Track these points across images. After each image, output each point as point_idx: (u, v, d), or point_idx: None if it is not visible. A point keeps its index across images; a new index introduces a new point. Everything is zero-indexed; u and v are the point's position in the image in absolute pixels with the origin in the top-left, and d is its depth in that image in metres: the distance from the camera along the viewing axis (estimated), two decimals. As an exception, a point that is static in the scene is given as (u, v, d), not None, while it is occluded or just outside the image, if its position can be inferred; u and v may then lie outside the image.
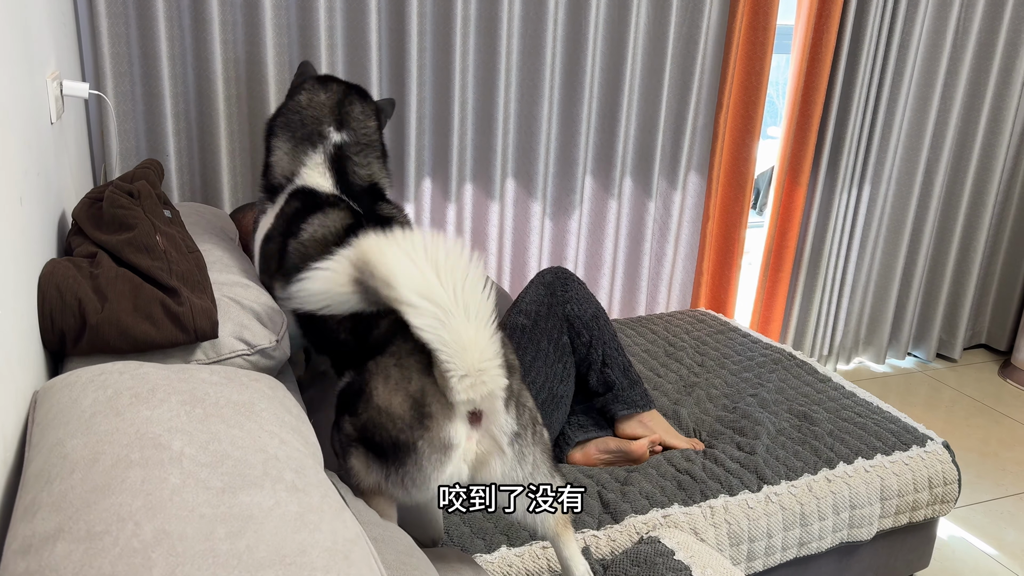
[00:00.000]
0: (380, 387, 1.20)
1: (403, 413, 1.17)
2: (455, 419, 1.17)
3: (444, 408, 1.16)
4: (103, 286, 1.18)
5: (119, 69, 2.05)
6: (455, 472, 1.19)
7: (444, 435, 1.16)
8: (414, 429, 1.16)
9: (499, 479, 1.22)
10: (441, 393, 1.17)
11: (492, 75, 2.41)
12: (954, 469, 1.98)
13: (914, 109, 3.08)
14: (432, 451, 1.16)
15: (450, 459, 1.18)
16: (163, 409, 0.89)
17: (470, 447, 1.20)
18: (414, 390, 1.18)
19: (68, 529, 0.72)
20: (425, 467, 1.16)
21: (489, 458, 1.21)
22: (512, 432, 1.21)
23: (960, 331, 3.49)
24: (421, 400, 1.17)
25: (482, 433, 1.21)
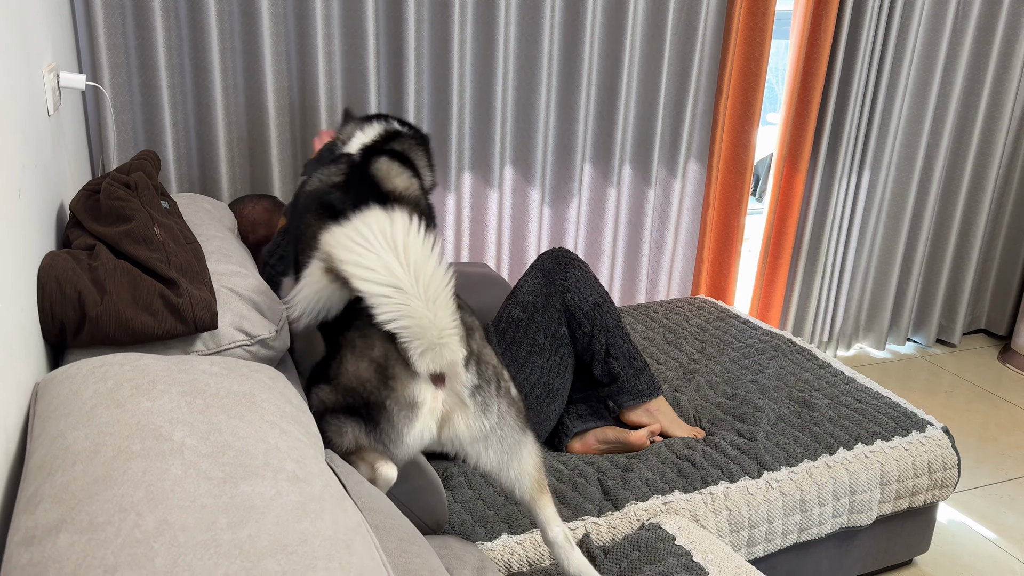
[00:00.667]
0: (348, 356, 1.28)
1: (370, 376, 1.24)
2: (418, 379, 1.24)
3: (406, 370, 1.24)
4: (102, 278, 1.18)
5: (116, 60, 2.04)
6: (424, 427, 1.26)
7: (408, 393, 1.23)
8: (381, 390, 1.23)
9: (464, 431, 1.28)
10: (403, 357, 1.24)
11: (490, 63, 2.40)
12: (954, 454, 1.99)
13: (914, 94, 3.07)
14: (400, 408, 1.23)
15: (418, 416, 1.25)
16: (164, 400, 0.89)
17: (435, 405, 1.27)
18: (377, 355, 1.25)
19: (70, 520, 0.72)
20: (397, 423, 1.24)
21: (453, 413, 1.28)
22: (472, 385, 1.28)
23: (960, 316, 3.50)
24: (384, 364, 1.24)
25: (447, 392, 1.27)
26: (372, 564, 0.80)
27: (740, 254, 2.99)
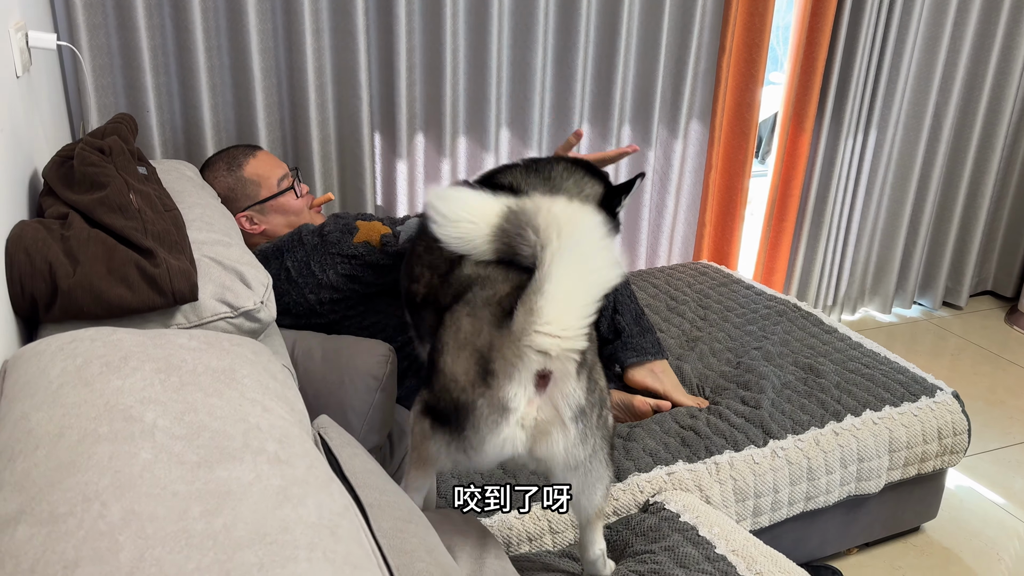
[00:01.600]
0: (451, 343, 1.15)
1: (468, 369, 1.11)
2: (517, 378, 1.09)
3: (508, 366, 1.09)
4: (75, 248, 1.12)
5: (93, 21, 1.95)
6: (510, 436, 1.11)
7: (503, 395, 1.09)
8: (476, 387, 1.10)
9: (560, 457, 1.14)
10: (509, 349, 1.09)
11: (484, 20, 2.31)
12: (964, 419, 1.94)
13: (922, 50, 2.97)
14: (491, 411, 1.10)
15: (506, 421, 1.10)
16: (135, 378, 0.83)
17: (530, 412, 1.11)
18: (482, 343, 1.11)
19: (30, 511, 0.67)
20: (481, 429, 1.10)
21: (550, 429, 1.12)
22: (578, 406, 1.12)
23: (966, 278, 3.43)
24: (487, 355, 1.10)
25: (544, 399, 1.12)
26: (359, 551, 0.74)
27: (743, 218, 2.91)
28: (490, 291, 1.16)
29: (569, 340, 1.07)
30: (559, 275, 1.06)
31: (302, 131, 2.23)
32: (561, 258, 1.06)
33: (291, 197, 1.83)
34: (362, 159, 2.31)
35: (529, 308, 1.07)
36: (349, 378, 1.41)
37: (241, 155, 1.84)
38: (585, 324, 1.08)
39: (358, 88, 2.23)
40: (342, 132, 2.30)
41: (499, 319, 1.11)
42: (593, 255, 1.09)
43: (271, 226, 1.82)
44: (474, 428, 1.10)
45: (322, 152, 2.28)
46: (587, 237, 1.09)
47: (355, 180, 2.34)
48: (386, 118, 2.34)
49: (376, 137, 2.37)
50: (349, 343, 1.49)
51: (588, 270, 1.08)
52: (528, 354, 1.07)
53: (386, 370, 1.42)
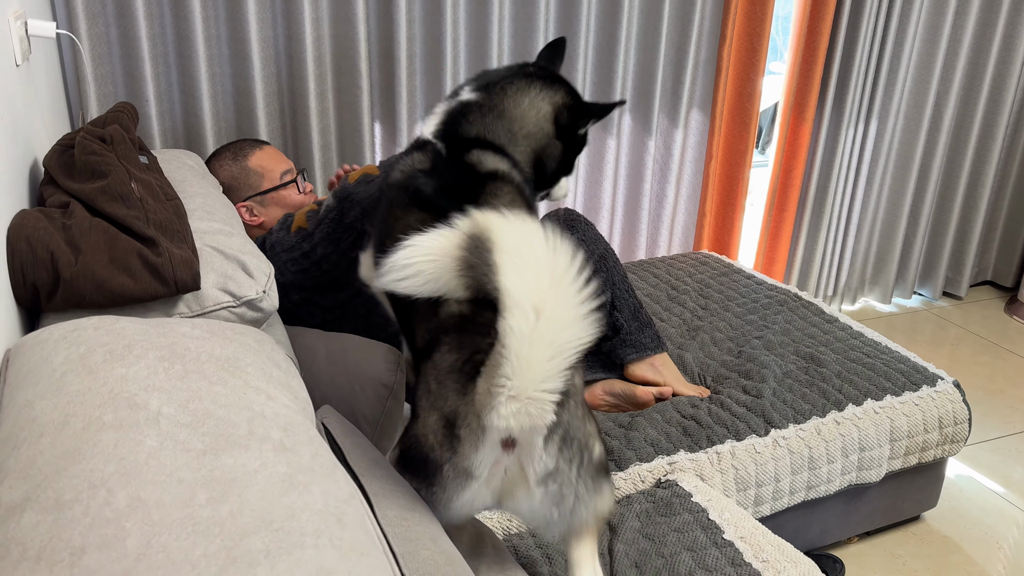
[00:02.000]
0: (423, 401, 1.12)
1: (436, 429, 1.08)
2: (482, 447, 1.05)
3: (472, 434, 1.05)
4: (76, 237, 1.11)
5: (92, 9, 1.94)
6: (476, 496, 1.09)
7: (467, 464, 1.06)
8: (443, 449, 1.07)
9: (526, 514, 1.11)
10: (474, 415, 1.04)
11: (484, 9, 2.30)
12: (964, 408, 1.94)
13: (924, 40, 2.97)
14: (455, 476, 1.08)
15: (469, 487, 1.08)
16: (139, 366, 0.83)
17: (496, 472, 1.08)
18: (448, 410, 1.07)
19: (36, 498, 0.67)
20: (448, 488, 1.09)
21: (515, 489, 1.10)
22: (545, 472, 1.07)
23: (967, 268, 3.43)
24: (453, 422, 1.07)
25: (512, 459, 1.08)
26: (365, 538, 0.74)
27: (744, 207, 2.91)
28: (455, 356, 1.09)
29: (535, 416, 0.99)
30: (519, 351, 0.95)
31: (302, 121, 2.22)
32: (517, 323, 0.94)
33: (292, 191, 1.83)
34: (362, 149, 2.30)
35: (489, 385, 1.00)
36: (360, 385, 1.40)
37: (248, 147, 1.86)
38: (554, 396, 0.99)
39: (358, 77, 2.22)
40: (342, 121, 2.29)
41: (463, 386, 1.07)
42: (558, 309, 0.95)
43: (269, 219, 1.81)
44: (440, 487, 1.09)
45: (322, 142, 2.28)
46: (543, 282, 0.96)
47: (355, 170, 2.33)
48: (386, 108, 2.33)
49: (376, 127, 2.36)
50: (354, 345, 1.48)
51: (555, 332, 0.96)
52: (490, 428, 1.02)
53: (396, 377, 1.41)
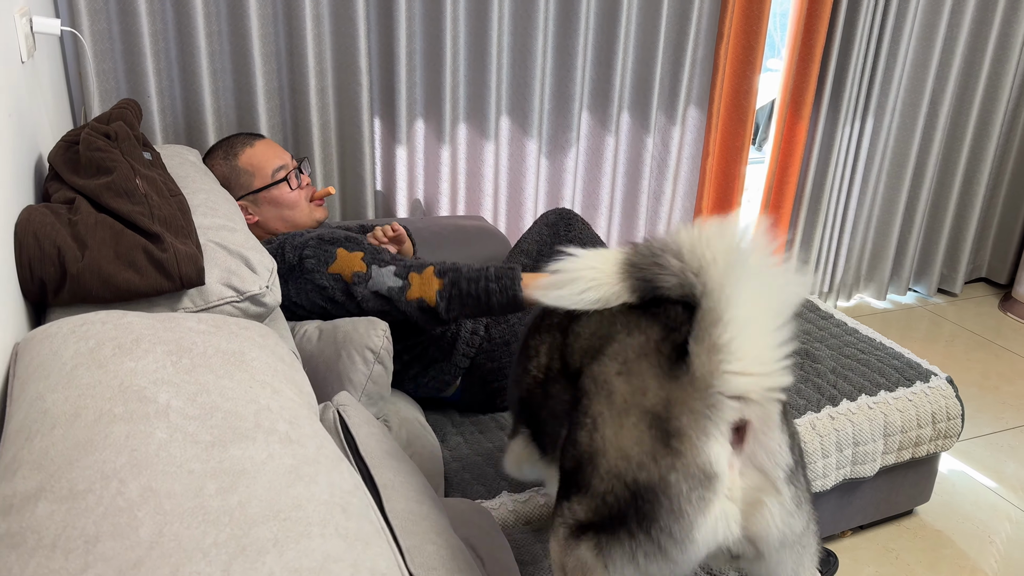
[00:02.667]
0: (605, 413, 0.88)
1: (639, 438, 0.84)
2: (714, 433, 0.84)
3: (697, 419, 0.83)
4: (82, 233, 1.13)
5: (94, 6, 1.95)
6: (723, 514, 0.84)
7: (702, 460, 0.83)
8: (659, 458, 0.83)
9: (777, 533, 0.87)
10: (697, 400, 0.84)
11: (484, 6, 2.31)
12: (957, 404, 1.96)
13: (919, 38, 2.99)
14: (691, 485, 0.82)
15: (715, 493, 0.83)
16: (148, 360, 0.85)
17: (734, 480, 0.85)
18: (652, 402, 0.85)
19: (49, 488, 0.68)
20: (686, 512, 0.82)
21: (761, 497, 0.86)
22: (787, 463, 0.87)
23: (961, 265, 3.46)
24: (665, 414, 0.84)
25: (744, 461, 0.87)
26: (370, 527, 0.76)
27: (740, 204, 2.93)
28: (640, 337, 0.91)
29: (770, 376, 0.83)
30: (739, 298, 0.83)
31: (302, 116, 2.24)
32: (734, 277, 0.84)
33: (284, 189, 1.78)
34: (362, 145, 2.31)
35: (711, 345, 0.83)
36: (347, 352, 1.43)
37: (239, 144, 1.81)
38: (784, 354, 0.84)
39: (358, 74, 2.23)
40: (342, 118, 2.31)
41: (667, 368, 0.87)
42: (768, 267, 0.85)
43: (264, 218, 1.79)
44: (675, 515, 0.82)
45: (322, 138, 2.29)
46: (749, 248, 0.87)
47: (355, 166, 2.34)
48: (386, 104, 2.35)
49: (376, 123, 2.38)
50: (345, 321, 1.51)
51: (770, 286, 0.84)
52: (723, 402, 0.83)
53: (383, 343, 1.44)
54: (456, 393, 1.76)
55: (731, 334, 0.82)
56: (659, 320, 0.92)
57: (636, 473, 0.83)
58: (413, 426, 1.57)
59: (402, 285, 1.53)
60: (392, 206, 2.47)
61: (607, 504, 0.85)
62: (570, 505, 0.90)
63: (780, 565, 0.90)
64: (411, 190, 2.47)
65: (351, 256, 1.58)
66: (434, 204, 2.49)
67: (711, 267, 0.86)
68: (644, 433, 0.84)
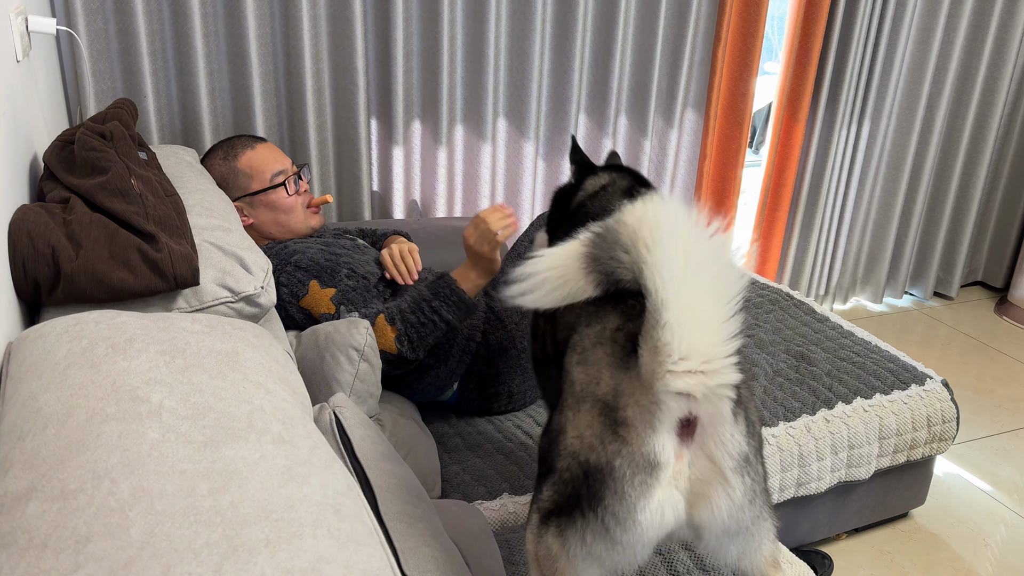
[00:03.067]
0: (568, 398, 0.92)
1: (591, 422, 0.89)
2: (659, 426, 0.87)
3: (643, 413, 0.87)
4: (77, 232, 1.13)
5: (90, 5, 1.95)
6: (666, 500, 0.88)
7: (647, 449, 0.86)
8: (607, 443, 0.87)
9: (722, 522, 0.90)
10: (640, 391, 0.87)
11: (481, 8, 2.31)
12: (953, 407, 1.97)
13: (917, 41, 2.99)
14: (634, 470, 0.86)
15: (657, 481, 0.86)
16: (141, 360, 0.85)
17: (680, 468, 0.88)
18: (603, 391, 0.89)
19: (41, 488, 0.68)
20: (628, 494, 0.86)
21: (708, 489, 0.89)
22: (740, 453, 0.89)
23: (957, 269, 3.46)
24: (613, 403, 0.88)
25: (695, 451, 0.89)
26: (362, 529, 0.76)
27: (737, 207, 2.93)
28: (597, 327, 0.95)
29: (716, 374, 0.84)
30: (675, 300, 0.83)
31: (299, 117, 2.24)
32: (666, 275, 0.84)
33: (281, 194, 1.77)
34: (358, 146, 2.31)
35: (653, 346, 0.84)
36: (330, 354, 1.43)
37: (240, 145, 1.80)
38: (730, 348, 0.85)
39: (355, 75, 2.23)
40: (339, 118, 2.31)
41: (620, 359, 0.91)
42: (703, 258, 0.85)
43: (259, 221, 1.78)
44: (618, 496, 0.86)
45: (318, 138, 2.29)
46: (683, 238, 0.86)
47: (351, 167, 2.34)
48: (383, 105, 2.35)
49: (372, 124, 2.37)
50: (325, 324, 1.52)
51: (707, 279, 0.85)
52: (668, 399, 0.85)
53: (366, 340, 1.44)
54: (453, 397, 1.76)
55: (669, 336, 0.83)
56: (617, 310, 0.95)
57: (587, 454, 0.88)
58: (408, 424, 1.57)
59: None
60: (388, 207, 2.47)
61: (564, 482, 0.90)
62: (540, 491, 0.94)
63: (721, 550, 0.94)
64: (407, 191, 2.47)
65: (322, 293, 1.61)
66: (431, 205, 2.49)
67: (646, 264, 0.86)
68: (595, 419, 0.89)
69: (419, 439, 1.55)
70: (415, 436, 1.55)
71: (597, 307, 0.97)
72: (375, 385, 1.46)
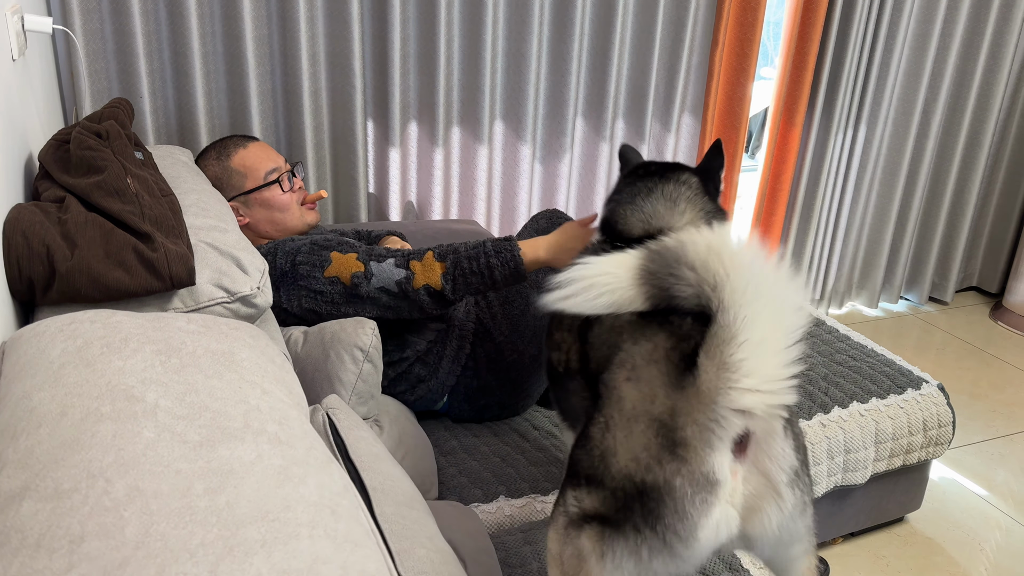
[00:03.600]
0: (616, 417, 0.93)
1: (647, 443, 0.90)
2: (717, 446, 0.89)
3: (702, 431, 0.89)
4: (72, 232, 1.12)
5: (87, 5, 1.95)
6: (723, 518, 0.90)
7: (706, 468, 0.88)
8: (664, 463, 0.88)
9: (774, 534, 0.93)
10: (701, 412, 0.89)
11: (478, 10, 2.31)
12: (948, 411, 1.97)
13: (912, 47, 3.00)
14: (695, 489, 0.88)
15: (717, 499, 0.89)
16: (136, 359, 0.84)
17: (736, 485, 0.91)
18: (659, 410, 0.91)
19: (35, 487, 0.67)
20: (689, 513, 0.88)
21: (762, 503, 0.92)
22: (791, 468, 0.93)
23: (953, 274, 3.47)
24: (671, 423, 0.89)
25: (748, 467, 0.92)
26: (359, 529, 0.76)
27: (733, 211, 2.94)
28: (648, 344, 0.96)
29: (776, 395, 0.88)
30: (756, 319, 0.87)
31: (295, 118, 2.23)
32: (753, 298, 0.88)
33: (276, 192, 1.76)
34: (355, 147, 2.31)
35: (721, 361, 0.88)
36: (335, 352, 1.43)
37: (233, 145, 1.80)
38: (790, 373, 0.89)
39: (352, 76, 2.23)
40: (335, 119, 2.30)
41: (674, 378, 0.92)
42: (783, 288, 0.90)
43: (254, 219, 1.77)
44: (679, 515, 0.88)
45: (315, 139, 2.29)
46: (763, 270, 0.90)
47: (347, 168, 2.34)
48: (379, 106, 2.35)
49: (369, 125, 2.37)
50: (331, 322, 1.51)
51: (782, 309, 0.89)
52: (727, 417, 0.88)
53: (372, 341, 1.43)
54: (444, 407, 1.76)
55: (743, 354, 0.87)
56: (666, 329, 0.97)
57: (644, 475, 0.89)
58: (405, 425, 1.56)
59: (407, 275, 1.55)
60: (385, 209, 2.47)
61: (616, 499, 0.91)
62: (577, 495, 0.95)
63: (770, 558, 0.98)
64: (404, 193, 2.47)
65: (346, 258, 1.58)
66: (427, 207, 2.49)
67: (726, 283, 0.89)
68: (652, 440, 0.90)
69: (416, 441, 1.55)
70: (412, 438, 1.55)
71: (642, 325, 0.99)
72: (376, 387, 1.46)
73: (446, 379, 1.69)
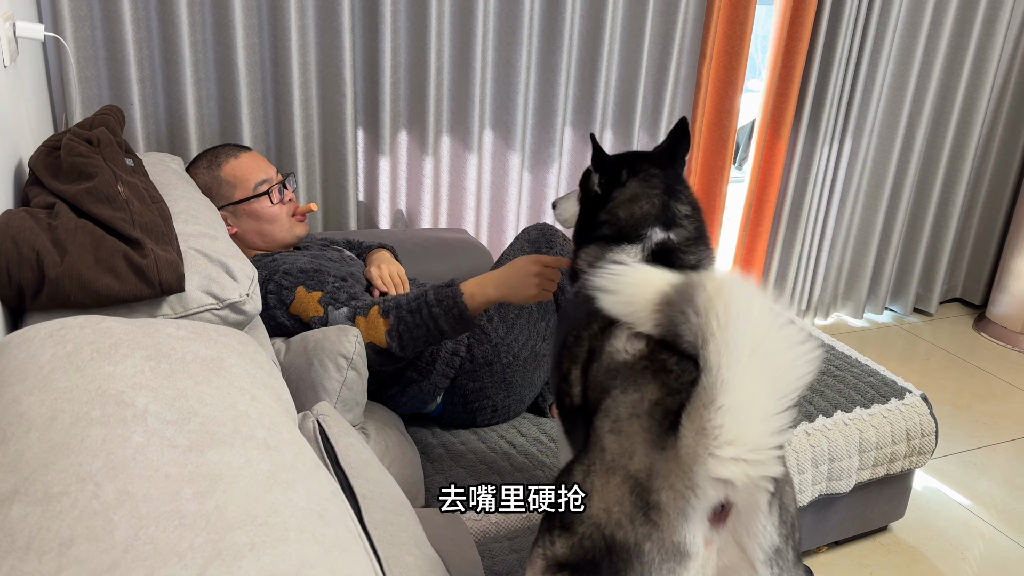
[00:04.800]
0: (596, 464, 0.89)
1: (620, 499, 0.86)
2: (693, 515, 0.84)
3: (679, 498, 0.83)
4: (62, 238, 1.13)
5: (78, 13, 1.95)
6: None
7: (678, 538, 0.83)
8: (636, 524, 0.84)
9: None
10: (679, 479, 0.83)
11: (469, 21, 2.33)
12: (931, 421, 1.99)
13: (897, 61, 3.04)
14: (663, 558, 0.83)
15: (685, 570, 0.84)
16: (126, 365, 0.85)
17: (709, 555, 0.86)
18: (637, 468, 0.86)
19: (24, 491, 0.68)
20: None
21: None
22: (772, 546, 0.87)
23: (937, 285, 3.51)
24: (647, 484, 0.85)
25: (725, 538, 0.87)
26: (347, 534, 0.77)
27: (721, 222, 2.96)
28: (635, 395, 0.92)
29: (759, 465, 0.82)
30: (735, 384, 0.81)
31: (285, 126, 2.24)
32: (732, 357, 0.82)
33: (265, 203, 1.75)
34: (345, 155, 2.32)
35: (700, 427, 0.82)
36: (318, 360, 1.43)
37: (224, 154, 1.79)
38: (778, 441, 0.82)
39: (342, 85, 2.24)
40: (325, 128, 2.31)
41: (656, 435, 0.87)
42: (772, 347, 0.83)
43: (242, 230, 1.76)
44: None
45: (305, 148, 2.29)
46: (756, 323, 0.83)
47: (337, 176, 2.35)
48: (370, 115, 2.36)
49: (359, 134, 2.38)
50: (314, 331, 1.51)
51: (770, 369, 0.83)
52: (704, 487, 0.83)
53: (355, 348, 1.43)
54: (437, 409, 1.76)
55: (721, 420, 0.81)
56: (657, 379, 0.92)
57: (614, 530, 0.85)
58: (391, 434, 1.57)
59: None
60: (374, 217, 2.48)
61: (584, 548, 0.87)
62: (551, 538, 0.92)
63: None
64: (394, 201, 2.48)
65: (309, 297, 1.59)
66: (416, 216, 2.50)
67: (713, 339, 0.83)
68: (626, 496, 0.85)
69: (403, 449, 1.55)
70: (399, 446, 1.55)
71: (638, 370, 0.94)
72: (361, 394, 1.46)
73: (439, 381, 1.70)
